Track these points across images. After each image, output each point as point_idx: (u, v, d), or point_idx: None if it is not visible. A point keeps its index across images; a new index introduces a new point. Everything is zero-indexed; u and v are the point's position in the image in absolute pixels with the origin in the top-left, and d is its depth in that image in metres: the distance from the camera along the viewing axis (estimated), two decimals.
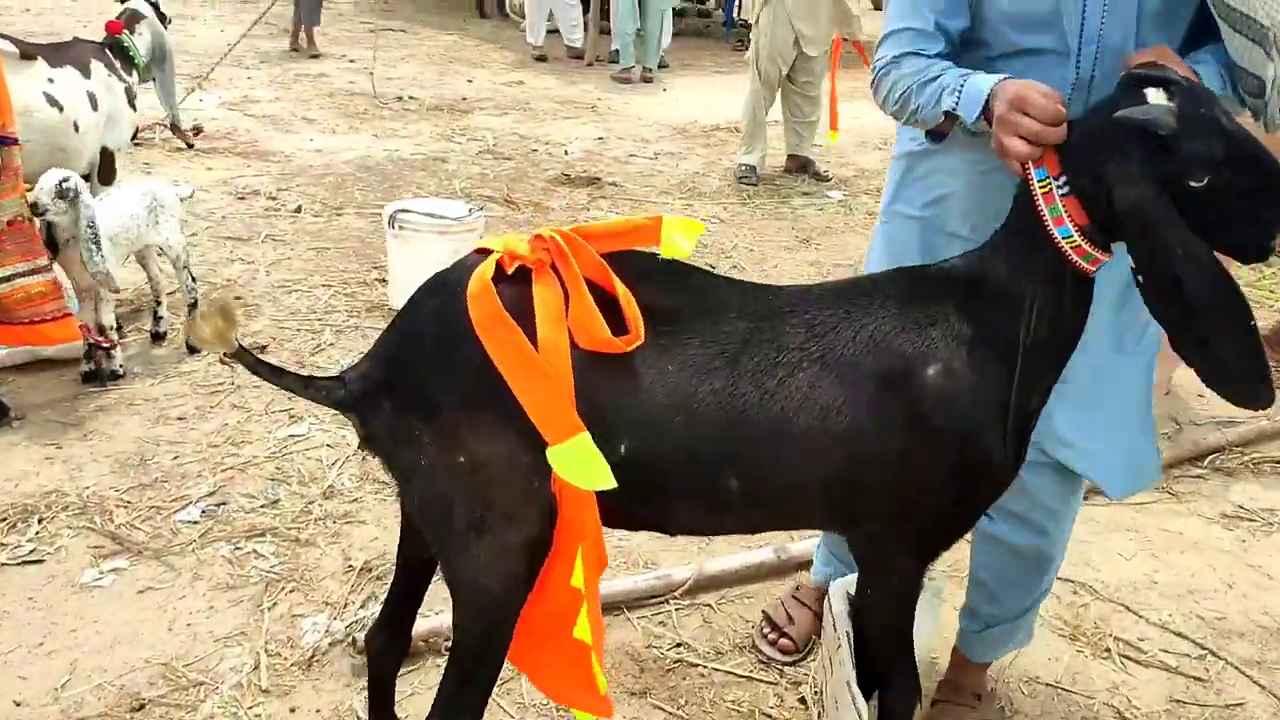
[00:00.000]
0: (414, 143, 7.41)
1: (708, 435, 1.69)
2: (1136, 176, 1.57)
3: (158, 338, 4.06)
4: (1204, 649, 2.75)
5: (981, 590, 2.41)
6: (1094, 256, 1.67)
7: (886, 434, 1.71)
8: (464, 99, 8.97)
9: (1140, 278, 1.64)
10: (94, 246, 3.35)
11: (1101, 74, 1.85)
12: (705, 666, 2.58)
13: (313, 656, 2.49)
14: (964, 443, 1.74)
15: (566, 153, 7.39)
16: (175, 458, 3.28)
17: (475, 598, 1.74)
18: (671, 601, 2.80)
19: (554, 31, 11.61)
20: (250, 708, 2.33)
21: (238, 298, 4.48)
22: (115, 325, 3.74)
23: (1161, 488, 3.51)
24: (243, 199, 5.85)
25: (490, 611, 1.75)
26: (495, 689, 1.92)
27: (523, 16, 12.36)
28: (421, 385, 1.68)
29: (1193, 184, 1.57)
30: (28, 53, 3.48)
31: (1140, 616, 2.87)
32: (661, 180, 6.91)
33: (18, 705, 2.29)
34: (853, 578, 2.07)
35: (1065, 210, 1.66)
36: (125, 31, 4.07)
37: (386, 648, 2.07)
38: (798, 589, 2.74)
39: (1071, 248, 1.67)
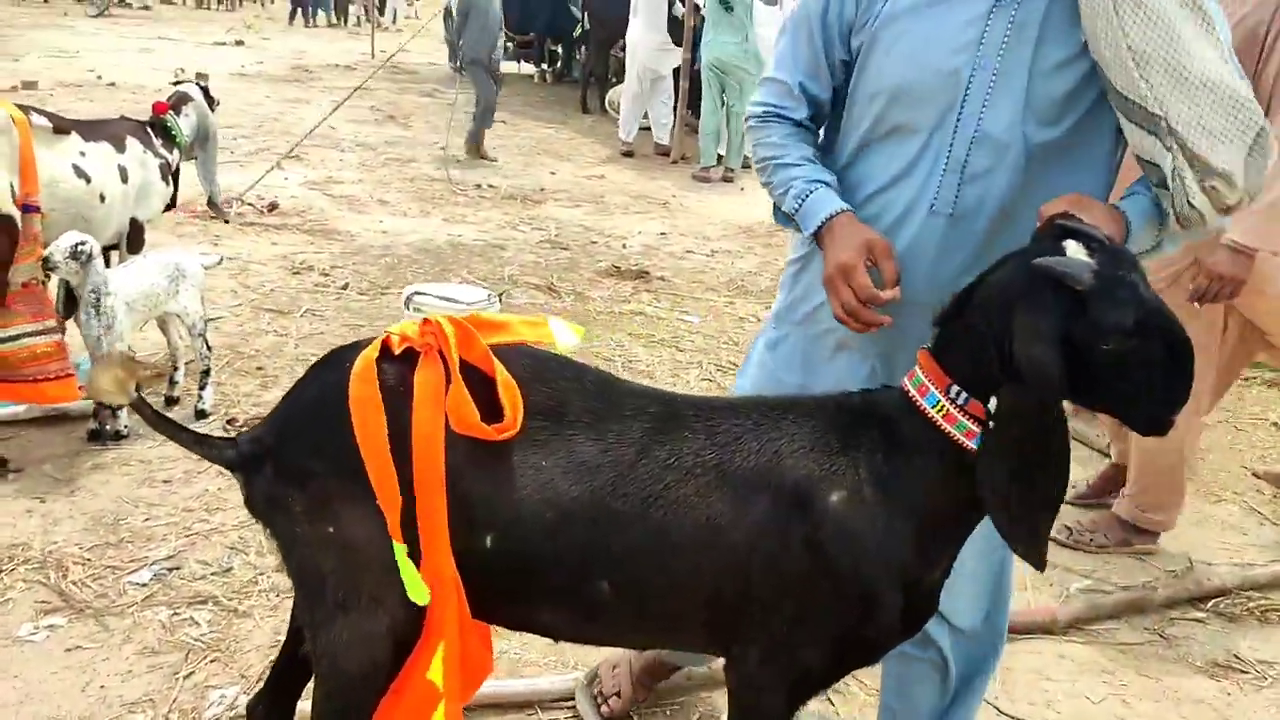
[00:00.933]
0: (479, 229, 7.61)
1: (579, 537, 1.65)
2: (1044, 331, 1.52)
3: (171, 402, 4.21)
4: None
5: (886, 713, 2.28)
6: None
7: (777, 556, 1.64)
8: (541, 189, 9.19)
9: (993, 425, 1.57)
10: (93, 310, 3.53)
11: (977, 161, 1.80)
12: None
13: None
14: (858, 580, 1.66)
15: (624, 246, 7.49)
16: (147, 519, 3.37)
17: (334, 677, 1.74)
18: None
19: (647, 129, 11.87)
20: None
21: (259, 368, 4.63)
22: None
23: (1153, 629, 3.31)
24: (296, 274, 6.07)
25: (346, 694, 1.74)
26: None
27: (620, 113, 12.68)
28: (299, 454, 1.71)
29: (1103, 346, 1.53)
30: (61, 127, 3.72)
31: None
32: (711, 277, 6.93)
33: None
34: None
35: (972, 419, 1.61)
36: (170, 112, 4.32)
37: (268, 717, 2.07)
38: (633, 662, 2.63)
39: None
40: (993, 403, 1.57)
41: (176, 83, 4.58)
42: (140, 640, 2.80)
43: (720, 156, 10.62)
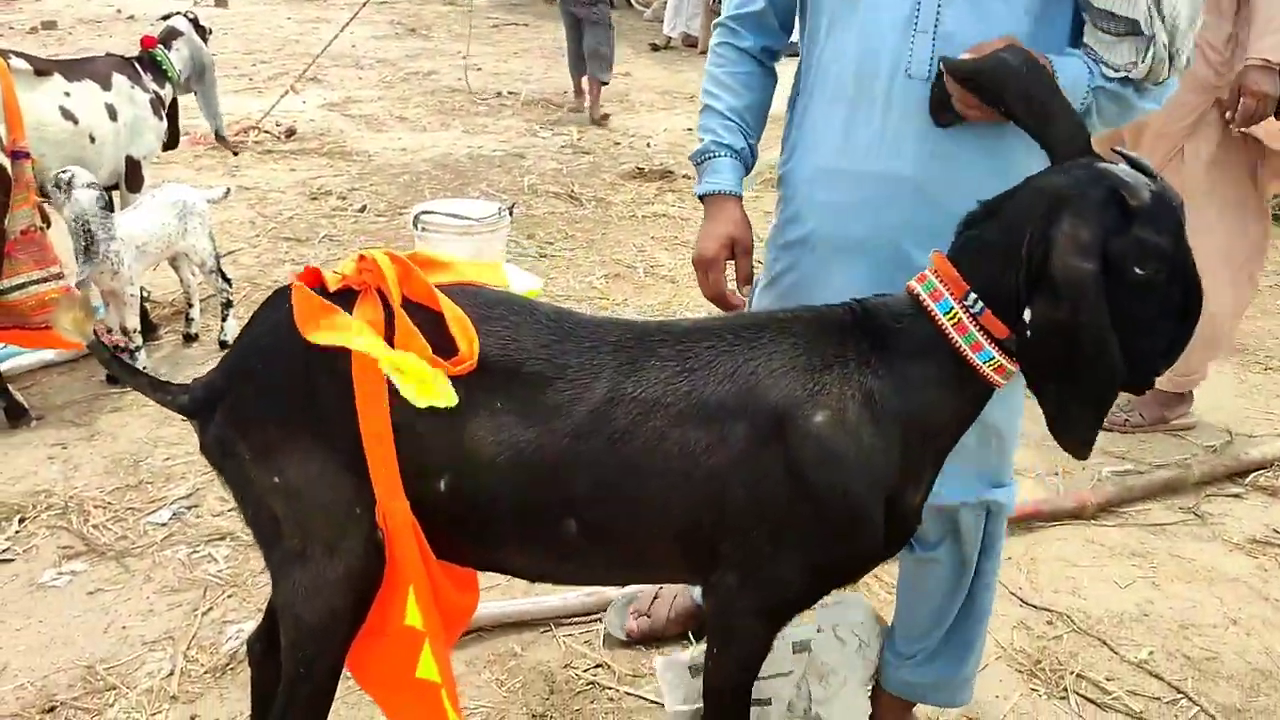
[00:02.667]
0: (500, 139, 7.49)
1: (538, 479, 1.58)
2: (1087, 242, 1.43)
3: (189, 339, 4.23)
4: (1179, 692, 2.48)
5: (899, 610, 2.23)
6: (1012, 372, 1.57)
7: (756, 485, 1.57)
8: (564, 93, 9.00)
9: (1031, 335, 1.49)
10: (118, 256, 3.57)
11: (948, 20, 1.71)
12: (618, 690, 2.49)
13: (228, 664, 2.52)
14: (843, 504, 1.58)
15: (649, 145, 7.33)
16: (166, 459, 3.40)
17: (296, 627, 1.70)
18: (604, 618, 2.72)
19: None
20: (153, 714, 2.38)
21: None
22: (139, 328, 3.90)
23: (1187, 508, 3.20)
24: (314, 199, 6.03)
25: (310, 643, 1.70)
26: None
27: (646, 6, 12.35)
28: (246, 400, 1.65)
29: (1136, 270, 1.46)
30: (43, 69, 3.66)
31: (1116, 653, 2.61)
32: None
33: None
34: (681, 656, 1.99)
35: (983, 332, 1.54)
36: (159, 47, 4.23)
37: (266, 654, 2.07)
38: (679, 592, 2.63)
39: (992, 369, 1.56)
40: (1027, 313, 1.49)
41: (165, 17, 4.48)
42: (160, 579, 2.84)
43: None
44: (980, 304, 1.53)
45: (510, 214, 4.58)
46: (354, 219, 5.73)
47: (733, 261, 1.92)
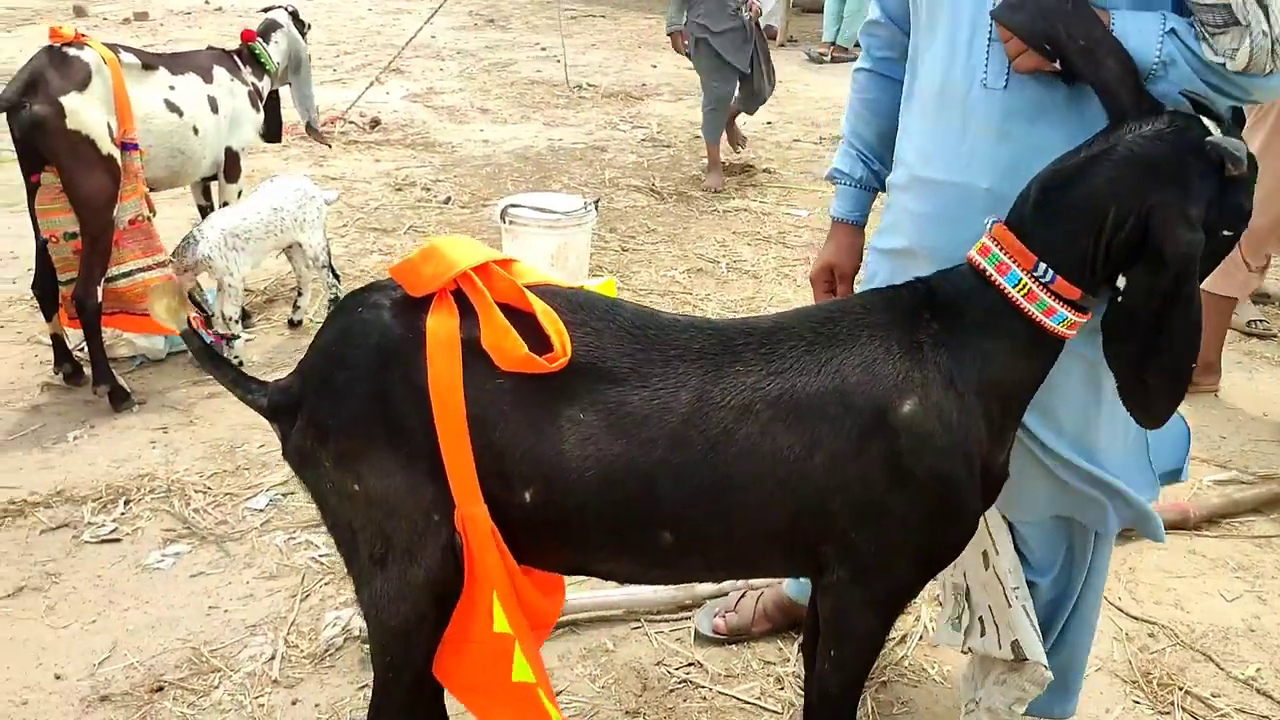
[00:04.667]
0: (581, 131, 7.51)
1: (629, 493, 1.56)
2: (1197, 219, 1.46)
3: (294, 325, 4.32)
4: None
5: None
6: (1079, 324, 1.59)
7: (856, 482, 1.56)
8: (643, 85, 9.00)
9: (1123, 303, 1.53)
10: (219, 249, 3.74)
11: None
12: (711, 689, 2.48)
13: (327, 650, 2.57)
14: (941, 485, 1.58)
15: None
16: (262, 446, 3.47)
17: (378, 632, 1.71)
18: (695, 615, 2.72)
19: None
20: (256, 697, 2.43)
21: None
22: (237, 317, 3.99)
23: None
24: (399, 190, 6.10)
25: (392, 647, 1.71)
26: None
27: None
28: (322, 407, 1.64)
29: (1225, 234, 1.50)
30: (149, 63, 3.74)
31: (1222, 669, 2.55)
32: (820, 167, 6.69)
33: (58, 679, 2.48)
34: None
35: (1055, 298, 1.55)
36: (259, 40, 4.31)
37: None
38: (768, 587, 2.65)
39: (1066, 327, 1.58)
40: (1122, 281, 1.51)
41: (266, 9, 4.55)
42: (259, 565, 2.90)
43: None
44: (1050, 273, 1.54)
45: (595, 208, 4.60)
46: (439, 210, 5.78)
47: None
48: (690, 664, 2.57)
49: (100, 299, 3.55)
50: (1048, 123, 1.67)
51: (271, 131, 4.40)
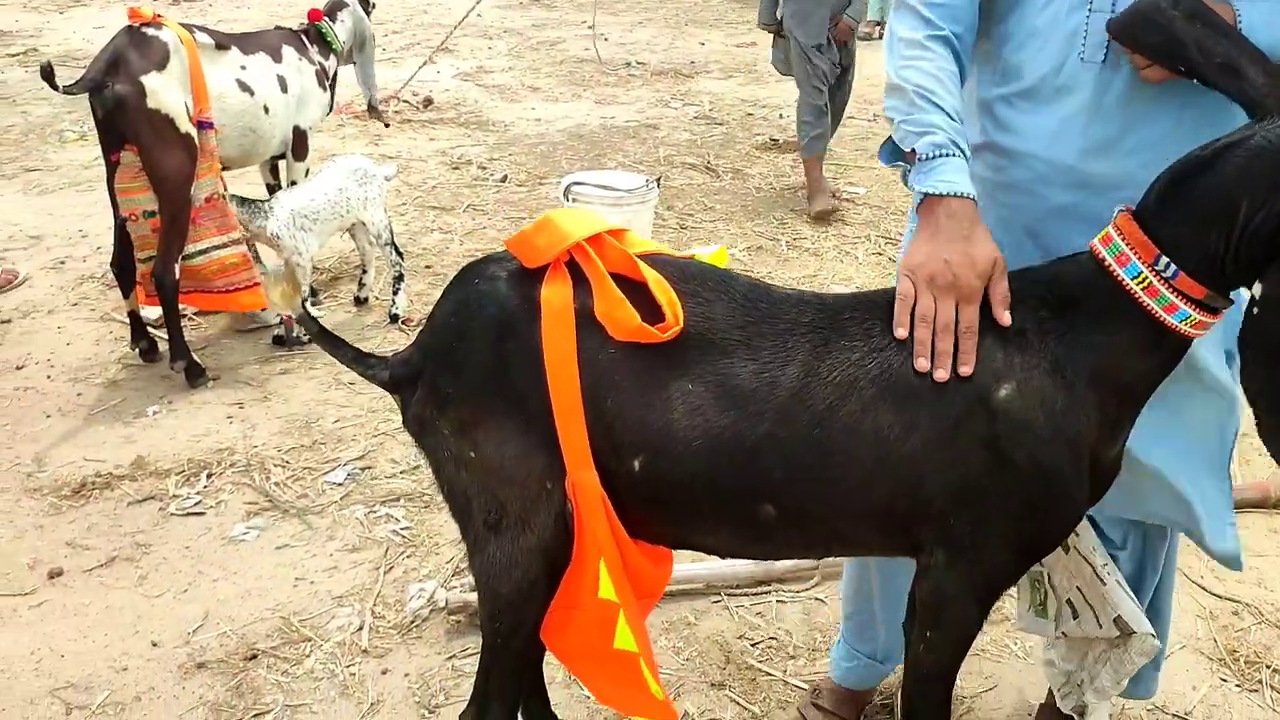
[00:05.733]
0: (633, 109, 7.50)
1: (734, 463, 1.57)
2: None
3: (359, 302, 4.37)
4: None
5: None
6: (1211, 323, 1.50)
7: (953, 464, 1.55)
8: (692, 63, 8.97)
9: (1257, 315, 1.41)
10: (288, 229, 3.77)
11: None
12: (793, 664, 2.50)
13: (413, 621, 2.61)
14: (1041, 472, 1.55)
15: (781, 116, 7.26)
16: (336, 421, 3.52)
17: (490, 598, 1.75)
18: (776, 590, 2.74)
19: None
20: (347, 666, 2.48)
21: (428, 266, 4.73)
22: (305, 295, 4.04)
23: None
24: (455, 169, 6.13)
25: (503, 613, 1.74)
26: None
27: None
28: (440, 377, 1.68)
29: None
30: (222, 43, 3.79)
31: None
32: (875, 144, 6.63)
33: (155, 645, 2.54)
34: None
35: (1177, 294, 1.47)
36: (325, 19, 4.34)
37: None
38: (816, 693, 2.34)
39: (1190, 326, 1.49)
40: (1257, 288, 1.41)
41: None
42: (341, 538, 2.95)
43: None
44: (1173, 267, 1.47)
45: (658, 185, 4.60)
46: (495, 189, 5.81)
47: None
48: (772, 638, 2.59)
49: (178, 276, 3.61)
50: (1147, 99, 1.62)
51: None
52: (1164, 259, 1.47)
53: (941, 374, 1.52)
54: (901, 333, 1.55)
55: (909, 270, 1.58)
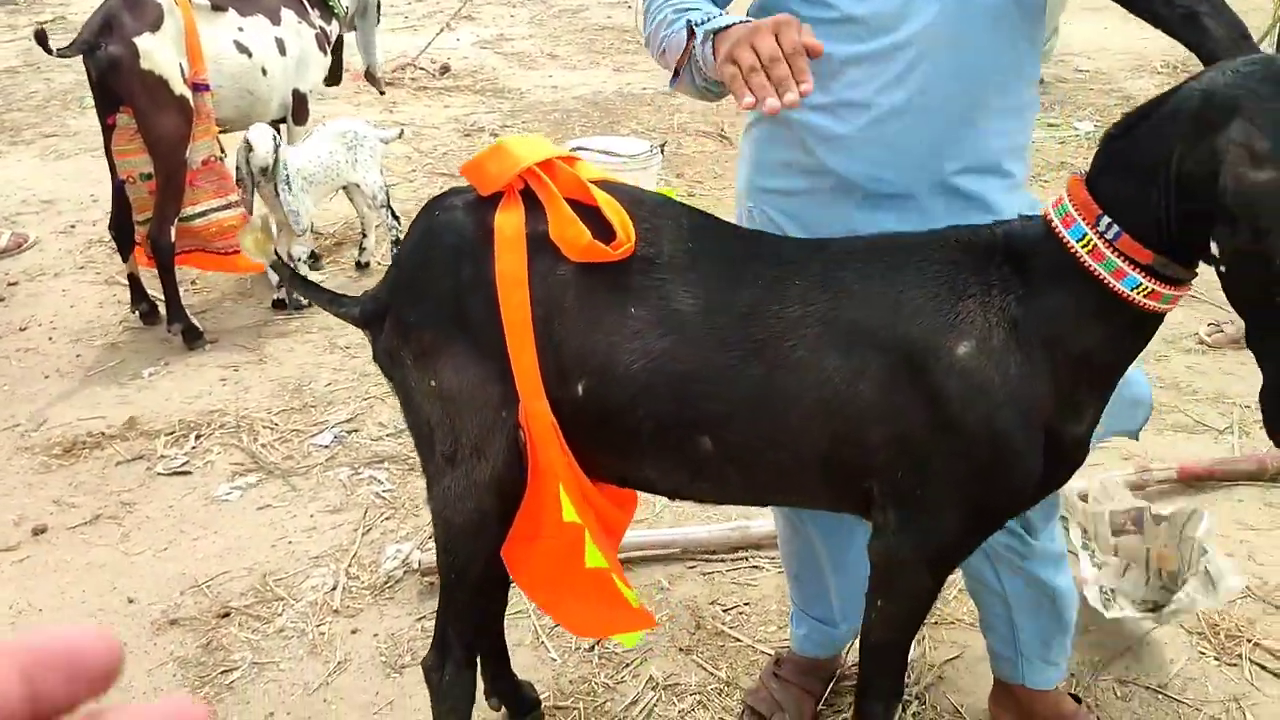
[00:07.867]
0: (650, 77, 7.41)
1: (671, 389, 1.56)
2: (1264, 151, 1.23)
3: (361, 266, 4.37)
4: None
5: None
6: (1171, 296, 1.41)
7: (898, 417, 1.51)
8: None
9: (1224, 269, 1.31)
10: (287, 187, 3.70)
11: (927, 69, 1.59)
12: (764, 630, 2.49)
13: (386, 582, 2.62)
14: (994, 435, 1.50)
15: None
16: (328, 384, 3.53)
17: (445, 530, 1.76)
18: (752, 556, 2.72)
19: None
20: (317, 625, 2.49)
21: None
22: (304, 258, 4.05)
23: None
24: (467, 136, 6.11)
25: (458, 545, 1.75)
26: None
27: None
28: (406, 307, 1.70)
29: None
30: (219, 4, 3.78)
31: None
32: None
33: (130, 602, 2.57)
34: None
35: (1123, 258, 1.39)
36: None
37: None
38: (778, 663, 2.29)
39: (1145, 296, 1.41)
40: (1214, 248, 1.32)
41: None
42: (324, 499, 2.96)
43: None
44: (1115, 229, 1.39)
45: (661, 152, 4.55)
46: None
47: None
48: (746, 603, 2.57)
49: (174, 238, 3.63)
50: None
51: (333, 75, 4.43)
52: (1105, 219, 1.40)
53: (791, 98, 1.36)
54: (749, 99, 1.38)
55: (725, 61, 1.43)
